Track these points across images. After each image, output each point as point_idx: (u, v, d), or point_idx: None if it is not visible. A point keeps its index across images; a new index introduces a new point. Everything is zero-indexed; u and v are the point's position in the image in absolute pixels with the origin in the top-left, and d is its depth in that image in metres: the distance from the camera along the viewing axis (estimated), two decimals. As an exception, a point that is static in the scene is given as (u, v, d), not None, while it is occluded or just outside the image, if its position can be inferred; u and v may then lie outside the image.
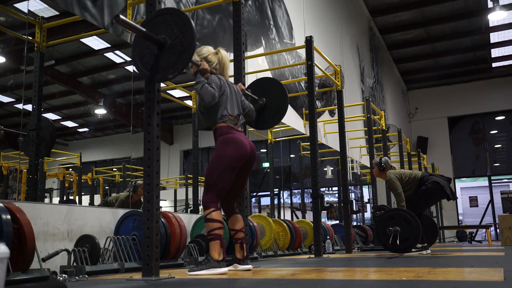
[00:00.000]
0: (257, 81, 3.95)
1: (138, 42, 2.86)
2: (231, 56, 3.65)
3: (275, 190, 9.06)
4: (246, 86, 3.75)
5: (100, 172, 7.27)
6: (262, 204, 12.65)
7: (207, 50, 3.22)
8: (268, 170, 8.73)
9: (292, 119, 7.28)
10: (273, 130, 8.15)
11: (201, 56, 3.15)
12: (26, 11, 3.98)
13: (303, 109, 7.71)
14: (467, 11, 12.71)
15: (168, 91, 6.29)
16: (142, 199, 4.94)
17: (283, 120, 5.61)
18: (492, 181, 16.69)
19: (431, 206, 5.05)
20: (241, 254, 3.09)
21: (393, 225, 4.67)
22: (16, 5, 4.16)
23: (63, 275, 2.65)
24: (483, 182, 17.21)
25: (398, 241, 4.64)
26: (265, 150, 11.86)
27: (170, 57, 2.72)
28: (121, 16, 2.50)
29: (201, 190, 8.61)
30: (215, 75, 3.10)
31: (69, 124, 7.67)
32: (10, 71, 5.12)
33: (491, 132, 17.20)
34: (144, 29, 2.71)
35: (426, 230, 5.21)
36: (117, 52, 6.03)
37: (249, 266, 3.09)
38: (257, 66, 6.06)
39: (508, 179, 17.65)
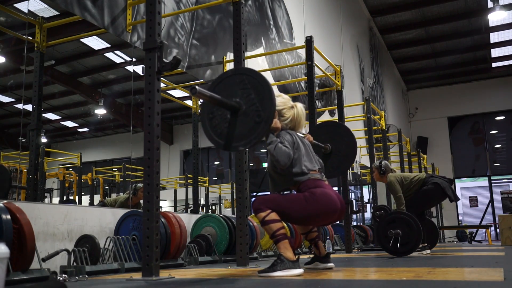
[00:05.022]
0: (322, 125, 3.81)
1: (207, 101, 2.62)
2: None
3: (275, 190, 9.06)
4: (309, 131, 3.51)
5: (100, 172, 7.26)
6: (262, 204, 12.65)
7: (283, 102, 2.88)
8: (268, 170, 8.72)
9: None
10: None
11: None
12: (26, 11, 3.97)
13: (303, 109, 7.71)
14: (467, 11, 12.72)
15: (168, 91, 6.29)
16: (142, 202, 4.94)
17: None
18: (492, 181, 16.70)
19: (432, 207, 5.05)
20: (319, 252, 3.00)
21: (395, 228, 4.65)
22: (16, 5, 4.16)
23: (63, 275, 2.65)
24: (483, 182, 17.23)
25: (398, 245, 4.63)
26: (265, 150, 11.87)
27: (244, 125, 2.47)
28: (198, 88, 2.29)
29: (201, 190, 8.63)
30: (285, 131, 2.80)
31: (69, 124, 7.67)
32: (10, 71, 5.12)
33: (491, 132, 17.21)
34: (219, 97, 2.45)
35: (427, 234, 5.23)
36: (117, 52, 6.02)
37: (331, 265, 2.94)
38: (257, 66, 6.06)
39: (508, 179, 17.66)
